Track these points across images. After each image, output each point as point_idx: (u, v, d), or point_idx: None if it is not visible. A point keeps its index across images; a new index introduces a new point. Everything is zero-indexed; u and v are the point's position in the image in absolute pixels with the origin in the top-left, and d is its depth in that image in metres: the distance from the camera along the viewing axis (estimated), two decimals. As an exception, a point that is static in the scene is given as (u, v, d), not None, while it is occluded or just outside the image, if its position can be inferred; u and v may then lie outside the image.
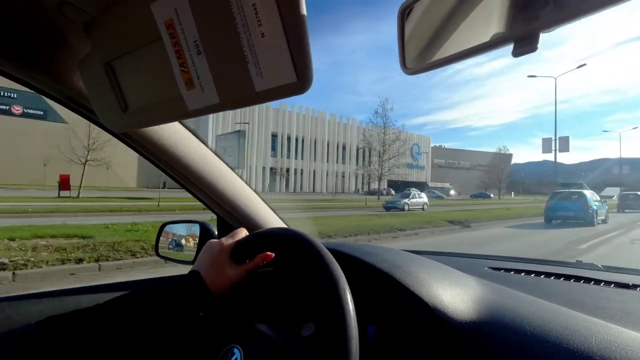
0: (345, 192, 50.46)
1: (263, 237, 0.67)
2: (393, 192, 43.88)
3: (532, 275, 0.93)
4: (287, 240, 0.60)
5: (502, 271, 0.98)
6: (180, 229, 1.25)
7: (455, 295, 0.60)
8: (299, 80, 0.34)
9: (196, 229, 1.16)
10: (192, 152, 0.80)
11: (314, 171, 49.33)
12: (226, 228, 1.01)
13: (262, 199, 1.00)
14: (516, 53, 0.35)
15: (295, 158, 47.28)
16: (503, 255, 1.32)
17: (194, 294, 0.62)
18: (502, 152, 60.55)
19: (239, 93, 0.39)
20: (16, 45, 0.55)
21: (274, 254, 0.69)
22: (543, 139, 30.49)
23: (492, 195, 55.29)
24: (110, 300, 0.61)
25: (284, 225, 1.06)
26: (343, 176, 52.68)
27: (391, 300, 0.61)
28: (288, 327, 0.57)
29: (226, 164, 0.88)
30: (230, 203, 0.92)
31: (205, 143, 0.83)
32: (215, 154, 0.86)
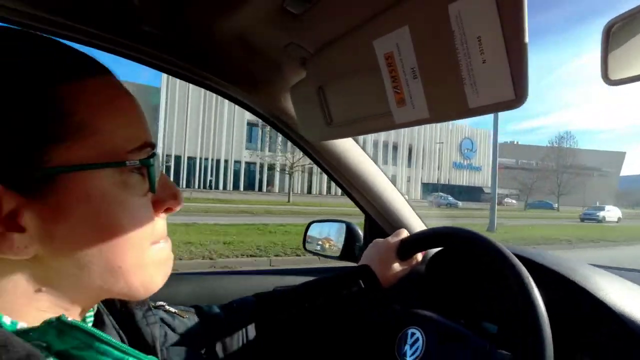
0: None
1: (428, 237, 0.75)
2: (450, 197, 37.22)
3: None
4: (463, 240, 0.66)
5: None
6: (325, 227, 1.40)
7: None
8: (517, 97, 0.40)
9: (342, 228, 1.29)
10: (356, 158, 0.91)
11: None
12: (373, 228, 1.11)
13: (410, 204, 1.07)
14: None
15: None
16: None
17: (368, 285, 0.72)
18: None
19: (451, 109, 0.47)
20: (241, 73, 0.73)
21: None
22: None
23: (555, 205, 43.58)
24: (305, 283, 0.74)
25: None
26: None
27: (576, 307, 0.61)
28: (467, 319, 0.63)
29: (381, 170, 0.98)
30: (382, 205, 1.01)
31: (365, 152, 0.94)
32: (372, 160, 0.97)
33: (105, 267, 0.33)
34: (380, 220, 1.05)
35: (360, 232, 1.25)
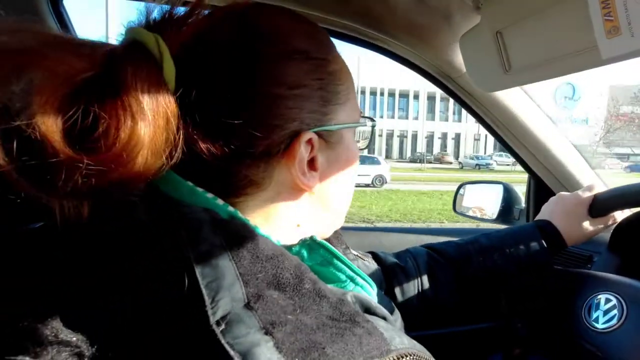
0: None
1: (637, 192, 0.64)
2: (484, 157, 27.93)
3: None
4: None
5: None
6: (476, 189, 1.33)
7: None
8: None
9: (498, 189, 1.20)
10: (526, 112, 0.83)
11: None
12: (540, 190, 1.01)
13: (590, 165, 0.93)
14: None
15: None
16: None
17: (550, 243, 0.65)
18: None
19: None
20: (409, 26, 0.72)
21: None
22: None
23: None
24: (475, 238, 0.69)
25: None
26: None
27: None
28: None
29: (555, 125, 0.87)
30: (555, 164, 0.90)
31: (535, 102, 0.85)
32: (545, 114, 0.86)
33: (340, 202, 0.41)
34: (550, 181, 0.95)
35: (520, 195, 1.15)
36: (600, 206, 0.66)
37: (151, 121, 0.27)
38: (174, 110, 0.29)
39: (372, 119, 0.45)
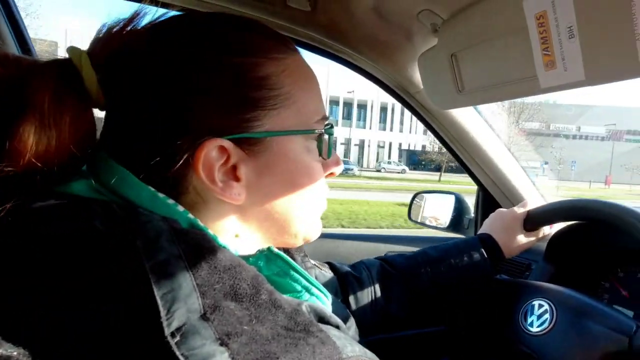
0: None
1: (562, 209, 0.71)
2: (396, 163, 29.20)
3: None
4: (608, 216, 0.62)
5: None
6: (431, 199, 1.39)
7: None
8: None
9: (450, 199, 1.27)
10: (476, 128, 0.89)
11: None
12: (487, 201, 1.08)
13: (527, 176, 1.01)
14: None
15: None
16: None
17: (490, 255, 0.70)
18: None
19: (614, 69, 0.44)
20: (371, 42, 0.75)
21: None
22: None
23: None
24: (424, 250, 0.74)
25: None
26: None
27: None
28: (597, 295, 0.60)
29: (502, 142, 0.94)
30: (500, 177, 0.97)
31: (484, 119, 0.91)
32: (492, 129, 0.93)
33: (285, 216, 0.39)
34: (496, 193, 1.02)
35: (470, 205, 1.22)
36: (532, 221, 0.73)
37: (52, 125, 0.31)
38: (87, 115, 0.34)
39: (330, 125, 0.41)
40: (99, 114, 0.37)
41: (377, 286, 0.68)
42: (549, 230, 0.76)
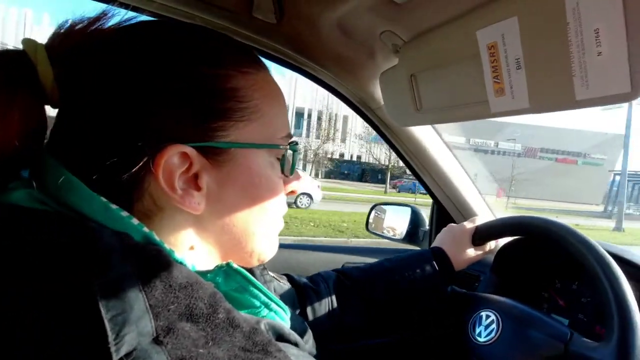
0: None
1: (505, 225, 0.76)
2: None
3: None
4: (543, 230, 0.67)
5: None
6: (388, 211, 1.43)
7: None
8: (632, 90, 0.40)
9: (406, 212, 1.31)
10: (433, 145, 0.93)
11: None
12: (441, 214, 1.13)
13: (479, 192, 1.07)
14: None
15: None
16: None
17: (440, 267, 0.74)
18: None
19: (555, 100, 0.48)
20: (335, 58, 0.77)
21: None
22: None
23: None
24: (379, 262, 0.77)
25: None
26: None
27: None
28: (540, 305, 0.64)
29: (455, 157, 0.99)
30: (453, 192, 1.02)
31: (441, 137, 0.95)
32: (447, 146, 0.97)
33: (243, 231, 0.39)
34: (449, 207, 1.07)
35: (425, 217, 1.27)
36: (480, 236, 0.78)
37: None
38: (39, 112, 0.33)
39: (295, 143, 0.42)
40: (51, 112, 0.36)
41: (333, 297, 0.69)
42: (495, 244, 0.81)
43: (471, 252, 0.78)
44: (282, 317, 0.41)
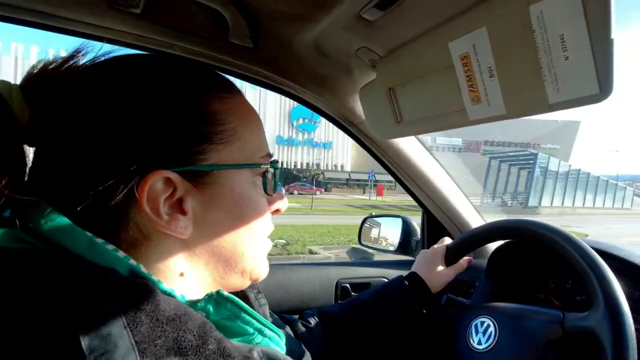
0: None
1: (469, 238, 0.78)
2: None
3: None
4: (509, 232, 0.69)
5: None
6: (381, 222, 1.43)
7: None
8: (601, 91, 0.42)
9: (398, 223, 1.31)
10: (418, 156, 0.94)
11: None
12: (431, 223, 1.13)
13: (470, 201, 1.08)
14: None
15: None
16: None
17: (418, 291, 0.75)
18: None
19: (529, 105, 0.49)
20: (313, 76, 0.78)
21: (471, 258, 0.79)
22: None
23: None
24: (357, 297, 0.79)
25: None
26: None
27: None
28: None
29: (442, 166, 1.00)
30: (442, 201, 1.03)
31: (427, 148, 0.97)
32: (434, 157, 0.99)
33: (232, 252, 0.39)
34: (439, 215, 1.07)
35: (417, 227, 1.27)
36: (451, 255, 0.79)
37: None
38: (17, 151, 0.33)
39: (275, 161, 0.43)
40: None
41: (322, 333, 0.71)
42: (465, 260, 0.82)
43: (445, 272, 0.78)
44: (277, 342, 0.40)
